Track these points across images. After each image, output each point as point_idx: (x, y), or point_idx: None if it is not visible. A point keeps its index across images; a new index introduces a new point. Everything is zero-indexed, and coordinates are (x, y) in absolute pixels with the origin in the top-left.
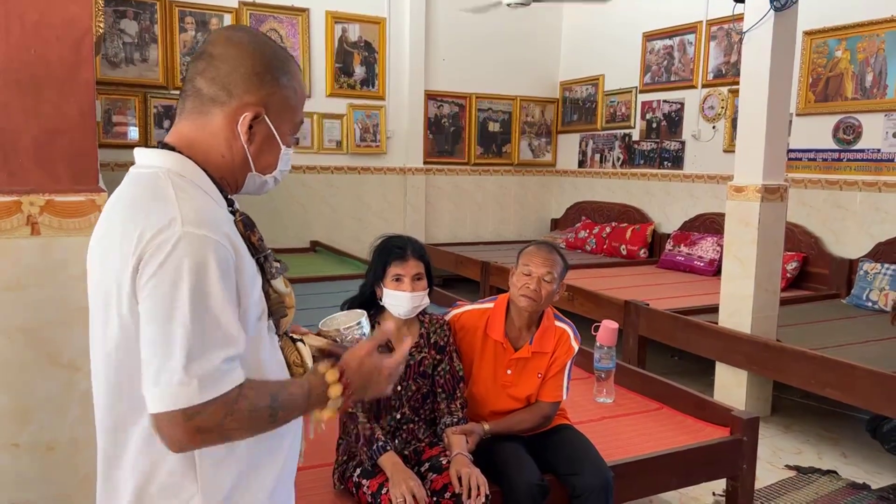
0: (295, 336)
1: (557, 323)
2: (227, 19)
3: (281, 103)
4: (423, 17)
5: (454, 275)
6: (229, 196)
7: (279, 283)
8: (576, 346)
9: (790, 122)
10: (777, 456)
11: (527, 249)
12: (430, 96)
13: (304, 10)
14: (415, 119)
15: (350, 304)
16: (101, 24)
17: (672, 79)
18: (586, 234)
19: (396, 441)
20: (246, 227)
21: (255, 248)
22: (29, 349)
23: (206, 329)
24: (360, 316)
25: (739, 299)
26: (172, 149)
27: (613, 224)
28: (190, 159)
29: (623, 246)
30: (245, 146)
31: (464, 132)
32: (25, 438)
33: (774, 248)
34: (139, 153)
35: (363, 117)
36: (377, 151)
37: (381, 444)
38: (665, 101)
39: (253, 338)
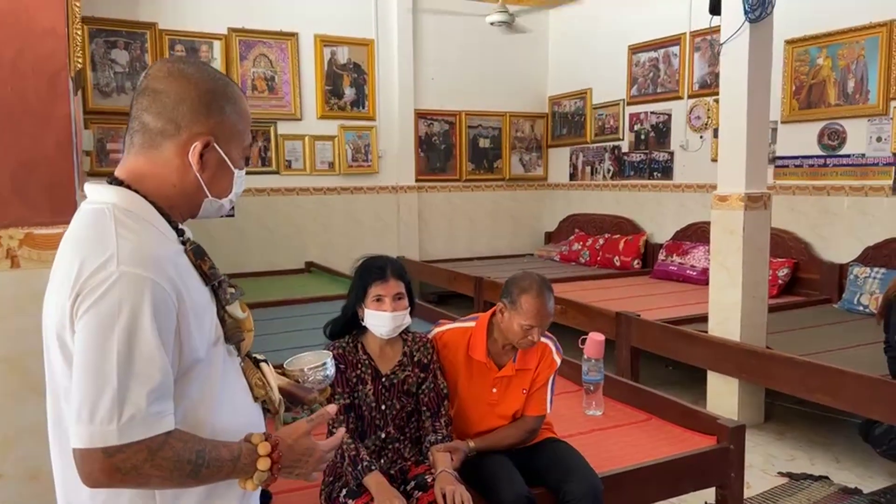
0: (258, 357)
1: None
2: (217, 46)
3: (228, 130)
4: (410, 37)
5: (449, 291)
6: (180, 227)
7: (235, 309)
8: (558, 360)
9: (775, 129)
10: (770, 463)
11: (527, 303)
12: (420, 115)
13: (293, 35)
14: (405, 138)
15: (332, 326)
16: (80, 59)
17: (658, 90)
18: (580, 247)
19: (382, 461)
20: (196, 256)
21: (207, 277)
22: (11, 379)
23: (136, 371)
24: (326, 357)
25: (728, 307)
26: (121, 183)
27: (606, 236)
28: (138, 193)
29: (616, 257)
30: (198, 174)
31: (455, 149)
32: (9, 468)
33: (760, 255)
34: (89, 188)
35: (354, 138)
36: (369, 171)
37: (365, 464)
38: (652, 112)
39: (209, 362)
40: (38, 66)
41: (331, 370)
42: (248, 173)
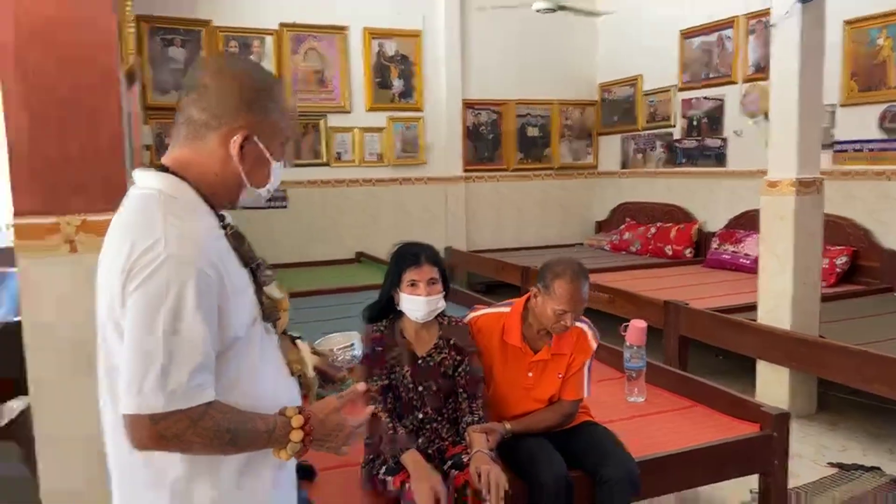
0: (294, 335)
1: (576, 323)
2: (269, 41)
3: (269, 125)
4: (457, 27)
5: (496, 281)
6: (220, 213)
7: (272, 289)
8: (594, 345)
9: (833, 113)
10: (821, 454)
11: (560, 288)
12: (468, 105)
13: (342, 29)
14: (453, 128)
15: (370, 310)
16: (132, 55)
17: (711, 75)
18: (631, 236)
19: (420, 440)
20: (236, 240)
21: (245, 260)
22: (71, 355)
23: (179, 346)
24: (354, 338)
25: (778, 295)
26: (167, 170)
27: (658, 224)
28: (184, 180)
29: (668, 246)
30: (238, 165)
31: (503, 138)
32: (67, 438)
33: (812, 241)
34: (138, 175)
35: (402, 129)
36: (417, 162)
37: (403, 442)
38: (705, 97)
39: (248, 340)
40: (91, 63)
41: (358, 350)
42: (298, 166)
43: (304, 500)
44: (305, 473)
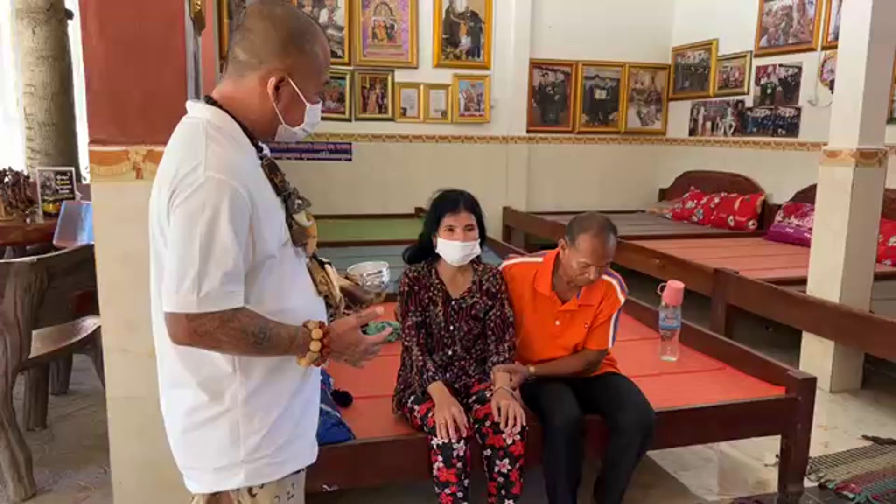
0: (324, 260)
1: (604, 276)
2: None
3: (304, 68)
4: None
5: (553, 243)
6: (259, 143)
7: (301, 217)
8: (622, 299)
9: None
10: (857, 426)
11: (584, 242)
12: (536, 65)
13: None
14: (519, 88)
15: (410, 252)
16: (199, 2)
17: (790, 41)
18: (694, 205)
19: (448, 375)
20: (271, 170)
21: (278, 189)
22: (134, 270)
23: (214, 255)
24: (383, 266)
25: (829, 269)
26: (215, 103)
27: (722, 194)
28: (228, 113)
29: (731, 217)
30: (273, 104)
31: (569, 100)
32: (134, 346)
33: (869, 215)
34: (189, 105)
35: (468, 87)
36: (481, 121)
37: (430, 373)
38: (781, 65)
39: (280, 259)
40: (158, 8)
41: (386, 277)
42: (365, 120)
43: (339, 421)
44: (342, 399)
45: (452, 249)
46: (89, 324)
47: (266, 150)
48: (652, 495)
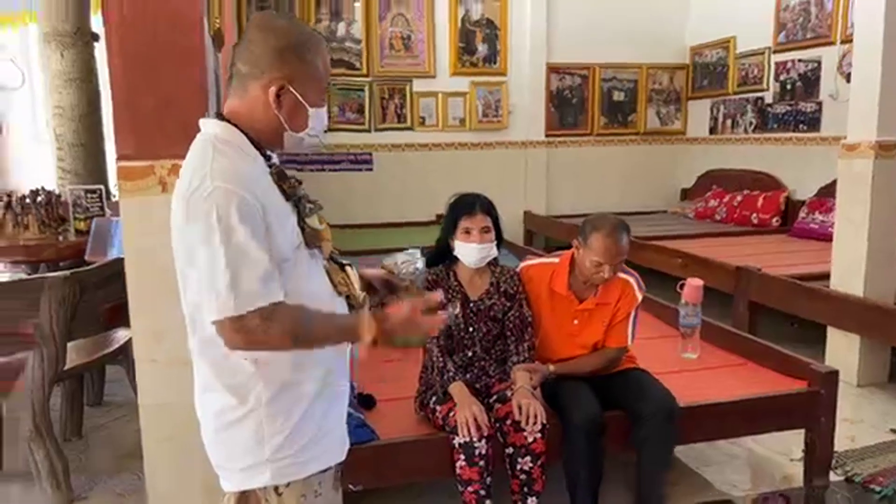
0: (343, 262)
1: (621, 275)
2: (357, 7)
3: (304, 75)
4: None
5: None
6: (268, 153)
7: (312, 221)
8: (639, 296)
9: None
10: (884, 420)
11: (596, 241)
12: (553, 69)
13: None
14: (536, 93)
15: (428, 256)
16: (218, 20)
17: (809, 36)
18: (716, 203)
19: (468, 375)
20: (279, 178)
21: (287, 194)
22: (160, 282)
23: (238, 257)
24: (416, 254)
25: (852, 262)
26: (224, 118)
27: (745, 192)
28: (235, 126)
29: (754, 214)
30: (276, 112)
31: (587, 103)
32: (161, 355)
33: (891, 207)
34: (202, 123)
35: (485, 94)
36: (499, 126)
37: (451, 374)
38: (800, 60)
39: (295, 262)
40: (178, 25)
41: (420, 264)
42: (384, 130)
43: (363, 422)
44: (366, 402)
45: (469, 251)
46: (121, 335)
47: (275, 159)
48: (676, 491)
